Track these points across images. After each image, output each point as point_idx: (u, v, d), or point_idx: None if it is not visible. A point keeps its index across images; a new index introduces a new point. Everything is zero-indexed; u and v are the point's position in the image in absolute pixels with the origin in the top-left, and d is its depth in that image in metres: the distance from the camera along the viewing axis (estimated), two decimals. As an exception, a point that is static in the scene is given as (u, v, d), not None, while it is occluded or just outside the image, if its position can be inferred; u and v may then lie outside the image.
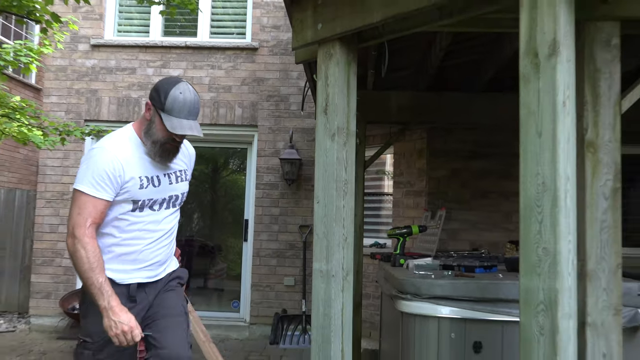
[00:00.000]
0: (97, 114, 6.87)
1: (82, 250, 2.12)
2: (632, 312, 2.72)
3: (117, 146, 2.27)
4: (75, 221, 2.16)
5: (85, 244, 2.13)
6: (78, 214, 2.16)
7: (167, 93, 2.22)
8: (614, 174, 2.32)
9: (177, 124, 2.22)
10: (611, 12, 2.26)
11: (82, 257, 2.12)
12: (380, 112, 4.71)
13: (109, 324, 2.11)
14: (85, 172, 2.19)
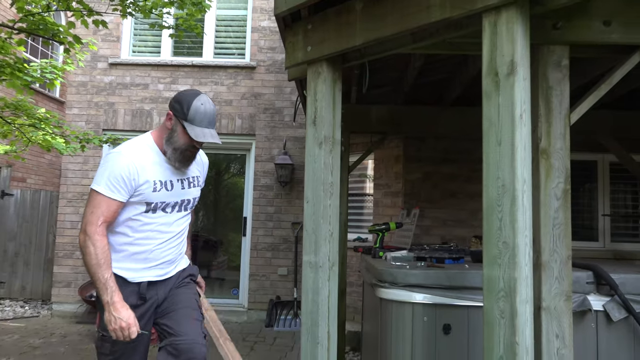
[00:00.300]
0: (113, 124, 6.81)
1: (91, 247, 2.05)
2: (581, 297, 2.73)
3: (134, 151, 2.19)
4: (88, 219, 2.08)
5: (95, 241, 2.05)
6: (91, 212, 2.08)
7: (190, 104, 2.16)
8: (564, 177, 2.32)
9: (200, 132, 2.16)
10: (561, 37, 2.27)
11: (90, 253, 2.05)
12: (362, 123, 4.71)
13: (109, 319, 2.04)
14: (102, 174, 2.12)
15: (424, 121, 4.77)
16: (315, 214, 2.69)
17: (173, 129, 2.21)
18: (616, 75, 2.40)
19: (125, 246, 2.21)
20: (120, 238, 2.20)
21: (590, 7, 2.27)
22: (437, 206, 5.71)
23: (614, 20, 2.28)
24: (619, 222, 5.80)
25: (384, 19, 2.34)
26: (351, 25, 2.49)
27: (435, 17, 2.14)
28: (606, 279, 2.71)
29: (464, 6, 2.04)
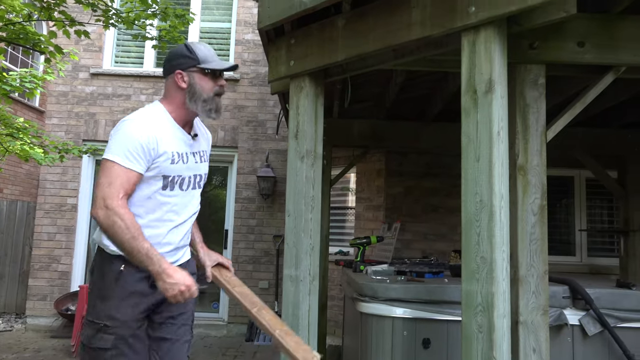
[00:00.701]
0: (94, 134, 6.74)
1: (119, 221, 1.80)
2: (558, 312, 2.77)
3: (151, 120, 1.96)
4: (106, 193, 1.81)
5: (121, 214, 1.80)
6: (109, 184, 1.82)
7: (193, 49, 2.02)
8: (541, 193, 2.37)
9: (219, 64, 2.04)
10: (538, 56, 2.33)
11: (121, 227, 1.80)
12: (344, 137, 4.74)
13: (165, 287, 1.82)
14: (118, 143, 1.86)
15: (405, 136, 4.82)
16: (297, 228, 2.69)
17: (190, 83, 2.01)
18: (590, 94, 2.47)
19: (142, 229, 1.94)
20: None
21: (565, 28, 2.33)
22: (418, 220, 5.75)
23: (587, 41, 2.35)
24: (596, 237, 5.91)
25: (366, 36, 2.38)
26: (334, 41, 2.52)
27: (416, 34, 2.18)
28: (582, 294, 2.76)
29: (443, 25, 2.09)
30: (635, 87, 3.58)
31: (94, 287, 1.95)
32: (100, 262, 1.95)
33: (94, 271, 1.98)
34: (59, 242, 6.55)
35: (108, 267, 1.91)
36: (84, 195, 6.69)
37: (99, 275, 1.94)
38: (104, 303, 1.89)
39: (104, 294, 1.90)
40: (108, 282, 1.91)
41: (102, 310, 1.89)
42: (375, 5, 2.36)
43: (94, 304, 1.92)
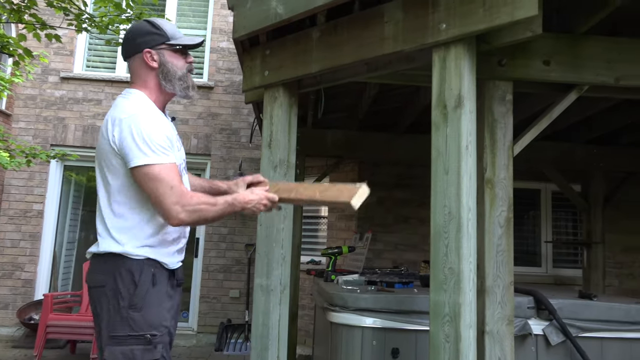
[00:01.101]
0: (63, 139, 6.59)
1: (197, 211, 1.70)
2: (522, 322, 2.83)
3: (151, 108, 1.82)
4: (175, 196, 1.66)
5: (196, 204, 1.70)
6: (171, 187, 1.67)
7: (158, 25, 1.86)
8: (507, 205, 2.43)
9: (189, 38, 1.90)
10: (505, 73, 2.41)
11: (205, 211, 1.72)
12: (318, 147, 4.78)
13: (252, 210, 1.82)
14: (146, 143, 1.68)
15: (378, 147, 4.88)
16: (268, 237, 2.69)
17: (161, 62, 1.84)
18: (555, 110, 2.56)
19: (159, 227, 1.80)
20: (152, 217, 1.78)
21: (532, 47, 2.42)
22: (390, 230, 5.81)
23: (552, 60, 2.44)
24: (560, 249, 6.08)
25: (340, 49, 2.42)
26: (308, 53, 2.55)
27: (389, 49, 2.23)
28: (545, 304, 2.83)
29: (415, 40, 2.14)
30: (598, 104, 3.72)
31: (120, 299, 1.70)
32: (124, 271, 1.72)
33: (115, 282, 1.72)
34: (23, 249, 6.36)
35: (139, 273, 1.73)
36: (51, 201, 6.53)
37: (128, 285, 1.72)
38: (143, 312, 1.71)
39: (140, 302, 1.72)
40: (143, 289, 1.73)
41: (143, 320, 1.71)
42: (349, 19, 2.40)
43: (125, 316, 1.70)
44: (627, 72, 2.48)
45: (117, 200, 1.76)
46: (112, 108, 1.82)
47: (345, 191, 1.87)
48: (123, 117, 1.73)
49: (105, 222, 1.77)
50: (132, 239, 1.75)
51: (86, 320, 4.77)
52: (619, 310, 2.89)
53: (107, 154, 1.75)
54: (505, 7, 1.88)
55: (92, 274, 1.80)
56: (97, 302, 1.75)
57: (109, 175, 1.77)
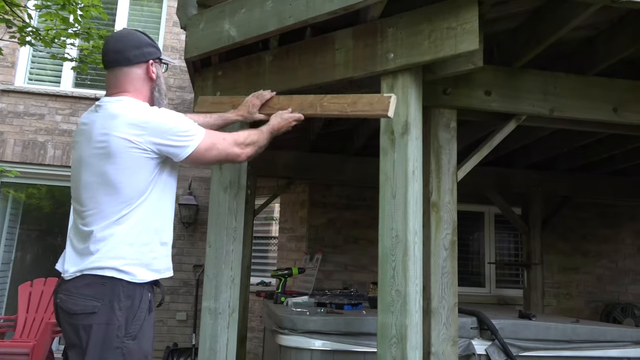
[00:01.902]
0: (1, 154, 6.27)
1: (255, 140, 1.98)
2: (466, 342, 2.91)
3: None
4: (228, 145, 1.87)
5: (248, 138, 1.96)
6: (223, 139, 1.85)
7: (152, 39, 1.88)
8: (452, 229, 2.52)
9: (168, 58, 1.94)
10: (450, 102, 2.52)
11: (258, 140, 2.00)
12: (269, 168, 4.78)
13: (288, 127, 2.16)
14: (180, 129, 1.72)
15: (329, 169, 4.94)
16: (217, 259, 2.66)
17: (157, 75, 1.85)
18: (496, 138, 2.69)
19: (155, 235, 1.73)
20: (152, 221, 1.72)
21: (474, 78, 2.55)
22: (339, 251, 5.85)
23: (493, 91, 2.58)
24: (503, 269, 6.30)
25: (293, 73, 2.46)
26: (261, 76, 2.58)
27: (340, 75, 2.29)
28: (487, 325, 2.93)
29: (365, 68, 2.21)
30: (536, 133, 3.93)
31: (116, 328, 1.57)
32: (123, 296, 1.59)
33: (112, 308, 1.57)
34: (-48, 271, 5.97)
35: (139, 298, 1.62)
36: (-15, 220, 6.18)
37: (127, 311, 1.59)
38: (139, 341, 1.61)
39: (137, 331, 1.61)
40: (141, 315, 1.63)
41: (139, 350, 1.62)
42: (301, 45, 2.45)
43: (119, 346, 1.56)
44: (561, 104, 2.65)
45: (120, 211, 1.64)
46: (108, 117, 1.67)
47: (377, 103, 1.98)
48: (145, 120, 1.66)
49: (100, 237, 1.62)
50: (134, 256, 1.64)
51: (21, 346, 4.51)
52: (555, 330, 3.03)
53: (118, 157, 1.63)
54: (448, 41, 1.98)
55: (75, 297, 1.59)
56: (82, 331, 1.57)
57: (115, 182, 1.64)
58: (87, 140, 1.69)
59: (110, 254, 1.61)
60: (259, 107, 2.31)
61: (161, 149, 1.69)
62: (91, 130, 1.67)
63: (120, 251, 1.62)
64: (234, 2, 2.46)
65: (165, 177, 1.77)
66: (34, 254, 6.77)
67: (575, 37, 2.81)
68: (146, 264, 1.67)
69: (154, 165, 1.70)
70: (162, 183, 1.76)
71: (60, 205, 6.65)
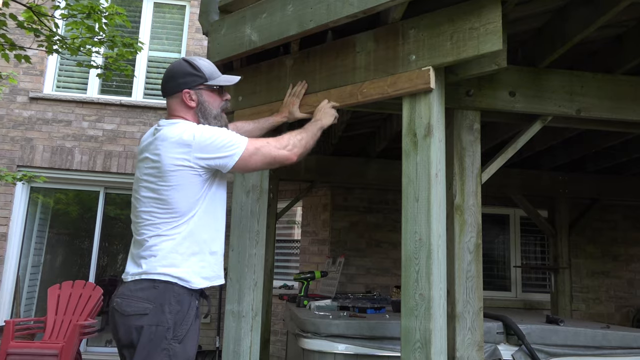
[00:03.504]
0: (30, 160, 6.45)
1: (300, 141, 2.07)
2: (492, 347, 2.86)
3: None
4: (275, 150, 1.94)
5: (292, 140, 2.03)
6: (267, 143, 1.93)
7: (197, 66, 1.92)
8: (476, 232, 2.48)
9: (226, 78, 1.99)
10: (473, 103, 2.49)
11: (302, 140, 2.08)
12: (291, 172, 4.79)
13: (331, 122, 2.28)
14: (225, 142, 1.81)
15: (350, 172, 4.93)
16: (240, 263, 2.67)
17: (199, 101, 1.93)
18: (521, 140, 2.64)
19: (205, 245, 1.86)
20: (202, 233, 1.84)
21: (498, 79, 2.51)
22: (362, 254, 5.82)
23: (517, 91, 2.53)
24: (529, 273, 6.19)
25: (313, 76, 2.46)
26: (281, 80, 2.59)
27: (361, 78, 2.28)
28: (514, 329, 2.87)
29: (387, 70, 2.19)
30: (562, 134, 3.85)
31: (165, 330, 1.68)
32: (174, 300, 1.72)
33: (162, 311, 1.69)
34: (-16, 273, 6.14)
35: (187, 304, 1.75)
36: (16, 224, 6.34)
37: (176, 315, 1.71)
38: (184, 345, 1.71)
39: (183, 335, 1.72)
40: (188, 320, 1.75)
41: (184, 353, 1.72)
42: (322, 48, 2.45)
43: (166, 347, 1.66)
44: (588, 104, 2.59)
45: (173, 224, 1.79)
46: (160, 139, 1.81)
47: (417, 78, 2.04)
48: (189, 138, 1.78)
49: (154, 247, 1.77)
50: (185, 264, 1.77)
51: (50, 347, 4.61)
52: (585, 335, 2.95)
53: (170, 176, 1.77)
54: (471, 41, 1.96)
55: (129, 299, 1.72)
56: (134, 331, 1.68)
57: (168, 199, 1.78)
58: (143, 159, 1.84)
59: (163, 262, 1.75)
60: (300, 106, 2.44)
61: (209, 163, 1.81)
62: (147, 151, 1.83)
63: (172, 260, 1.76)
64: (255, 7, 2.47)
65: (214, 189, 1.89)
66: (62, 257, 6.93)
67: (601, 36, 2.74)
68: (196, 272, 1.82)
69: (203, 181, 1.83)
70: (212, 196, 1.88)
71: (87, 209, 6.79)
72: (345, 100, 2.29)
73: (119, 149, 6.59)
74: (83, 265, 6.62)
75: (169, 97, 1.95)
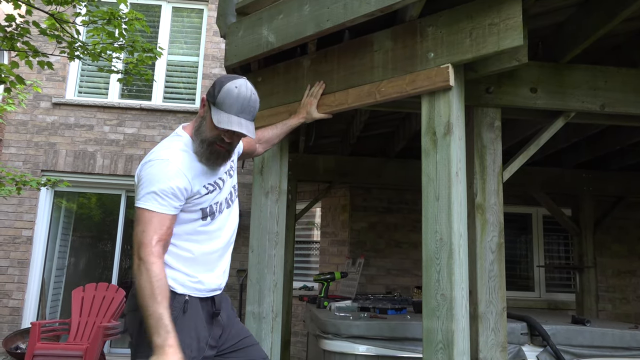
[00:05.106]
0: (54, 165, 6.57)
1: (145, 274, 1.67)
2: (516, 348, 2.81)
3: (178, 156, 1.81)
4: (140, 240, 1.71)
5: (149, 264, 1.68)
6: (142, 231, 1.72)
7: (222, 86, 1.81)
8: (498, 231, 2.44)
9: (225, 118, 1.78)
10: (493, 100, 2.45)
11: (144, 280, 1.67)
12: (310, 173, 4.79)
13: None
14: (147, 188, 1.75)
15: (369, 172, 4.91)
16: (260, 264, 2.68)
17: (204, 116, 1.86)
18: (543, 137, 2.59)
19: (189, 262, 1.87)
20: (184, 253, 1.87)
21: (519, 75, 2.47)
22: (382, 255, 5.79)
23: (539, 88, 2.49)
24: (553, 273, 6.08)
25: (330, 76, 2.45)
26: (299, 80, 2.59)
27: (379, 77, 2.26)
28: (539, 330, 2.82)
29: (405, 69, 2.18)
30: (586, 130, 3.78)
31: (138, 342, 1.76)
32: None
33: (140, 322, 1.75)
34: (11, 276, 6.27)
35: (171, 300, 1.74)
36: (41, 228, 6.47)
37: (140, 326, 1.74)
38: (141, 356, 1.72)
39: (144, 349, 1.71)
40: (174, 316, 1.73)
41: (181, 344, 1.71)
42: (339, 48, 2.44)
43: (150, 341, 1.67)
44: (612, 99, 2.53)
45: None
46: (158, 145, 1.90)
47: (436, 76, 2.02)
48: (149, 160, 1.80)
49: None
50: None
51: (75, 349, 4.68)
52: (612, 336, 2.89)
53: None
54: (491, 37, 1.93)
55: (129, 298, 1.87)
56: (130, 326, 1.81)
57: None
58: None
59: None
60: (318, 106, 2.46)
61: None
62: None
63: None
64: (272, 8, 2.48)
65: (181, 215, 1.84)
66: (85, 260, 7.04)
67: (625, 29, 2.68)
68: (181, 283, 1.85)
69: None
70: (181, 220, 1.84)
71: (109, 213, 6.89)
72: (364, 100, 2.27)
73: (140, 152, 6.67)
74: (106, 267, 6.71)
75: None
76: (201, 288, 1.88)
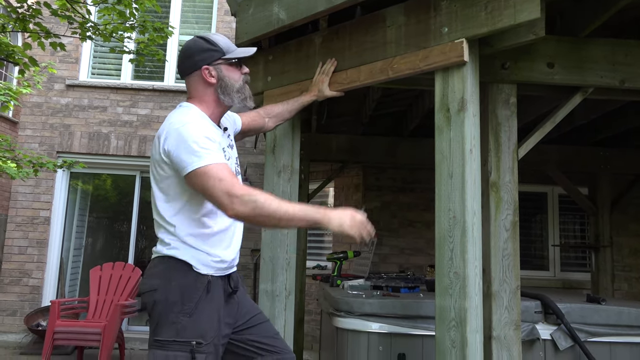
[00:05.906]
0: (69, 146, 6.64)
1: (258, 198, 1.62)
2: (530, 327, 2.80)
3: (200, 118, 1.82)
4: (223, 188, 1.63)
5: (252, 192, 1.63)
6: (220, 180, 1.64)
7: (213, 41, 1.86)
8: (513, 209, 2.42)
9: (242, 50, 1.91)
10: (508, 76, 2.40)
11: (263, 202, 1.62)
12: (322, 152, 4.77)
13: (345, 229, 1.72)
14: (189, 151, 1.67)
15: (382, 151, 4.87)
16: (273, 242, 2.69)
17: (219, 77, 1.86)
18: (560, 113, 2.54)
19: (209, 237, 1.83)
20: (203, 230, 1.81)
21: (535, 49, 2.41)
22: (395, 234, 5.79)
23: (556, 63, 2.42)
24: (568, 252, 6.03)
25: (342, 53, 2.42)
26: (310, 58, 2.55)
27: (391, 53, 2.22)
28: (553, 309, 2.80)
29: (418, 44, 2.13)
30: (604, 107, 3.69)
31: (173, 304, 1.72)
32: (180, 276, 1.75)
33: (170, 286, 1.74)
34: (31, 256, 6.40)
35: (194, 280, 1.75)
36: (58, 208, 6.57)
37: (182, 290, 1.74)
38: (193, 319, 1.72)
39: (191, 309, 1.72)
40: (195, 295, 1.74)
41: (192, 327, 1.71)
42: (351, 24, 2.40)
43: (175, 321, 1.70)
44: (632, 74, 2.46)
45: (165, 207, 1.80)
46: (165, 121, 1.83)
47: (450, 51, 1.98)
48: (172, 129, 1.74)
49: (162, 228, 1.81)
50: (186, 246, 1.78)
51: (93, 326, 4.78)
52: (628, 315, 2.86)
53: (157, 163, 1.78)
54: (507, 10, 1.87)
55: (146, 277, 1.83)
56: (148, 305, 1.78)
57: (159, 184, 1.80)
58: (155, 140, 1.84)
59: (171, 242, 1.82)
60: (329, 84, 2.43)
61: (170, 161, 1.74)
62: (158, 132, 1.82)
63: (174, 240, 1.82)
64: (283, -16, 2.44)
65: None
66: (102, 240, 7.15)
67: (648, 1, 2.59)
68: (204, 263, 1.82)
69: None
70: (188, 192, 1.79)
71: (124, 193, 6.96)
72: (376, 77, 2.24)
73: (153, 133, 6.70)
74: (122, 247, 6.82)
75: (187, 77, 1.89)
76: (222, 267, 1.86)
